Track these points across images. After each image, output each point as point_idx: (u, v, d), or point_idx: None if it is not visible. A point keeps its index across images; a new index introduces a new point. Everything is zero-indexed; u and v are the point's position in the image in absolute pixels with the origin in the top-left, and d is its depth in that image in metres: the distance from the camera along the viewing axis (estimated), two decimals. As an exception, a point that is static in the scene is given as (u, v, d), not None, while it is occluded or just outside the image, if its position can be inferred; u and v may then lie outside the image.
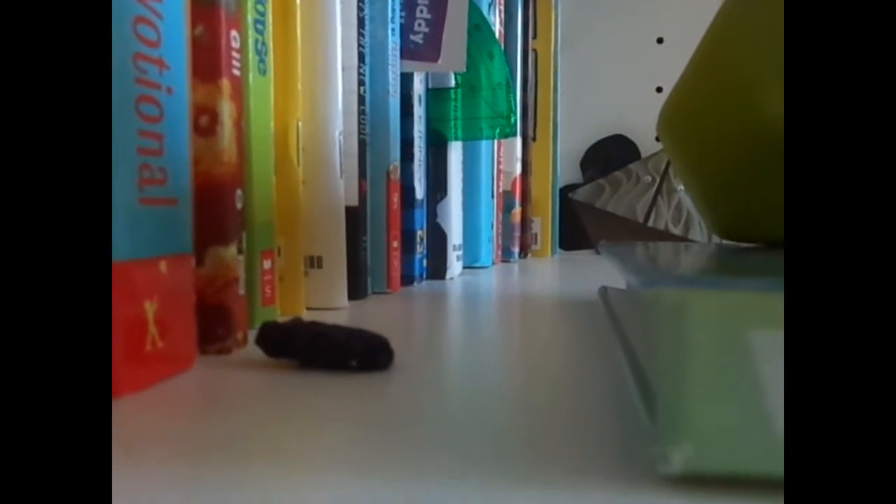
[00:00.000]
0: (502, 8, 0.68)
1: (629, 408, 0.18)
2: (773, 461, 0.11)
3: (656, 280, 0.13)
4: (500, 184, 0.67)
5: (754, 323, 0.11)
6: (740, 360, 0.11)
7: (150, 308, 0.20)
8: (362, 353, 0.21)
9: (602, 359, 0.24)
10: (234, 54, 0.25)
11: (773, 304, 0.11)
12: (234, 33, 0.25)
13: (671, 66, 0.93)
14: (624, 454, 0.14)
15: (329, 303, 0.35)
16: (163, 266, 0.21)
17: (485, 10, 0.57)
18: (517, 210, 0.73)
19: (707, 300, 0.11)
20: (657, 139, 0.95)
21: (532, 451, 0.15)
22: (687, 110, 0.33)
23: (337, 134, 0.35)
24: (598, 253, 0.89)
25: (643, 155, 0.93)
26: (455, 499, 0.12)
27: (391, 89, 0.42)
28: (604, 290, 0.37)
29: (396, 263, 0.43)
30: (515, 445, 0.15)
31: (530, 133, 0.80)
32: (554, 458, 0.14)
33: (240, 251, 0.25)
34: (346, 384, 0.20)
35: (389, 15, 0.41)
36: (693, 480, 0.13)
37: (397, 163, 0.43)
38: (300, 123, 0.33)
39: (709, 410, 0.11)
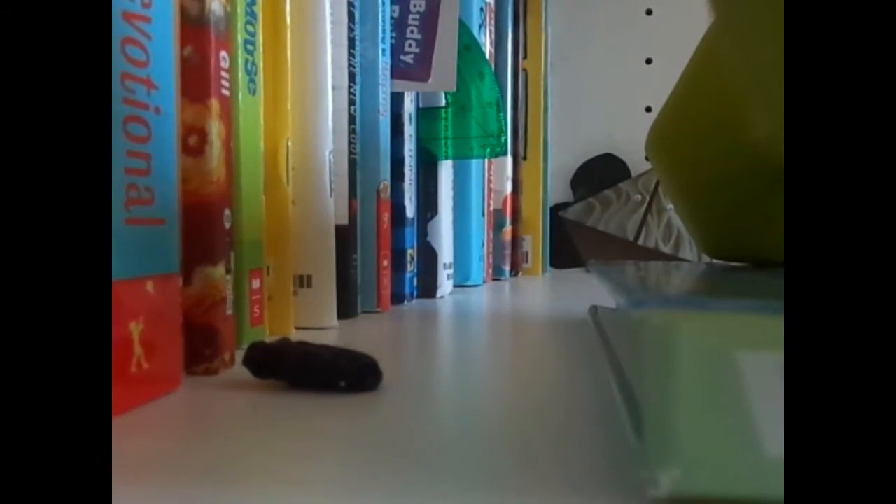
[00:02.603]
0: (493, 28, 0.68)
1: (618, 429, 0.18)
2: (762, 483, 0.11)
3: (644, 301, 0.13)
4: (491, 202, 0.68)
5: (742, 344, 0.11)
6: (728, 382, 0.11)
7: (135, 329, 0.20)
8: (350, 374, 0.21)
9: (592, 379, 0.24)
10: (224, 74, 0.25)
11: (760, 325, 0.11)
12: (223, 54, 0.25)
13: (660, 86, 0.94)
14: (613, 477, 0.14)
15: (318, 322, 0.35)
16: (149, 286, 0.20)
17: (475, 31, 0.57)
18: (508, 228, 0.73)
19: (694, 322, 0.11)
20: (647, 158, 0.96)
21: (520, 474, 0.14)
22: (675, 130, 0.33)
23: (327, 153, 0.35)
24: (588, 271, 0.89)
25: (633, 174, 0.94)
26: (442, 523, 0.12)
27: (381, 108, 0.42)
28: (594, 310, 0.37)
29: (387, 282, 0.43)
30: (503, 468, 0.15)
31: (521, 152, 0.80)
32: (542, 480, 0.14)
33: (228, 271, 0.25)
34: (333, 405, 0.20)
35: (380, 35, 0.42)
36: (682, 503, 0.12)
37: (388, 182, 0.43)
38: (290, 142, 0.33)
39: (697, 433, 0.11)
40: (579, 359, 0.28)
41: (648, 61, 0.94)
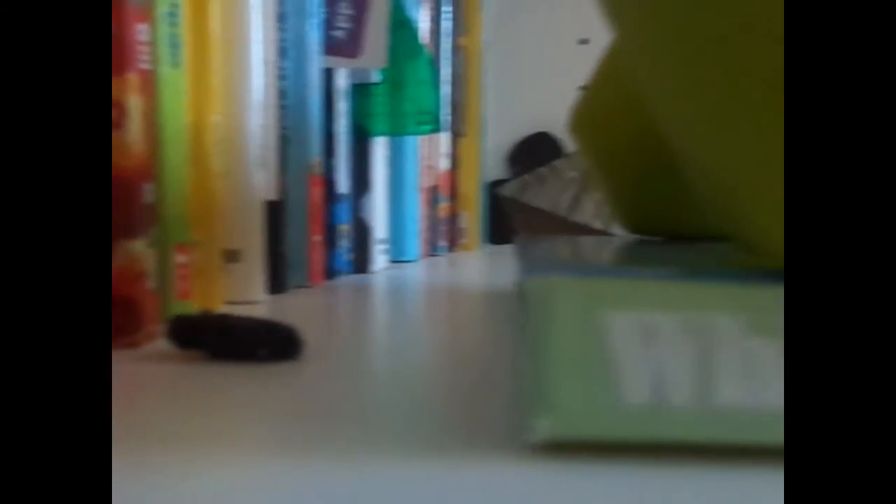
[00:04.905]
0: (432, 4, 0.69)
1: (519, 388, 0.19)
2: (625, 428, 0.13)
3: (529, 269, 0.14)
4: (427, 178, 0.68)
5: (608, 306, 0.13)
6: (596, 339, 0.13)
7: (52, 301, 0.20)
8: (270, 343, 0.22)
9: (508, 347, 0.25)
10: (142, 48, 0.25)
11: (624, 288, 0.13)
12: (140, 27, 0.25)
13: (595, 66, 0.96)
14: (507, 428, 0.15)
15: (247, 296, 0.36)
16: (66, 259, 0.21)
17: (413, 7, 0.58)
18: (445, 205, 0.74)
19: (566, 286, 0.13)
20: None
21: (428, 432, 0.15)
22: (593, 112, 0.34)
23: (254, 128, 0.35)
24: (525, 247, 0.91)
25: (567, 152, 0.96)
26: (356, 475, 0.13)
27: (312, 84, 0.42)
28: (517, 283, 0.38)
29: (318, 257, 0.44)
30: (413, 426, 0.16)
31: (459, 128, 0.81)
32: (449, 435, 0.15)
33: (149, 245, 0.25)
34: (254, 374, 0.21)
35: (310, 9, 0.42)
36: (556, 447, 0.14)
37: (319, 157, 0.44)
38: (216, 116, 0.33)
39: (568, 384, 0.13)
40: (501, 329, 0.29)
41: (584, 41, 0.96)
